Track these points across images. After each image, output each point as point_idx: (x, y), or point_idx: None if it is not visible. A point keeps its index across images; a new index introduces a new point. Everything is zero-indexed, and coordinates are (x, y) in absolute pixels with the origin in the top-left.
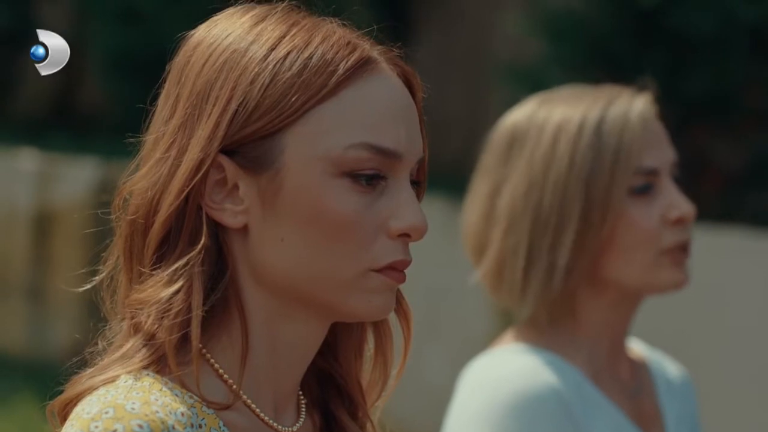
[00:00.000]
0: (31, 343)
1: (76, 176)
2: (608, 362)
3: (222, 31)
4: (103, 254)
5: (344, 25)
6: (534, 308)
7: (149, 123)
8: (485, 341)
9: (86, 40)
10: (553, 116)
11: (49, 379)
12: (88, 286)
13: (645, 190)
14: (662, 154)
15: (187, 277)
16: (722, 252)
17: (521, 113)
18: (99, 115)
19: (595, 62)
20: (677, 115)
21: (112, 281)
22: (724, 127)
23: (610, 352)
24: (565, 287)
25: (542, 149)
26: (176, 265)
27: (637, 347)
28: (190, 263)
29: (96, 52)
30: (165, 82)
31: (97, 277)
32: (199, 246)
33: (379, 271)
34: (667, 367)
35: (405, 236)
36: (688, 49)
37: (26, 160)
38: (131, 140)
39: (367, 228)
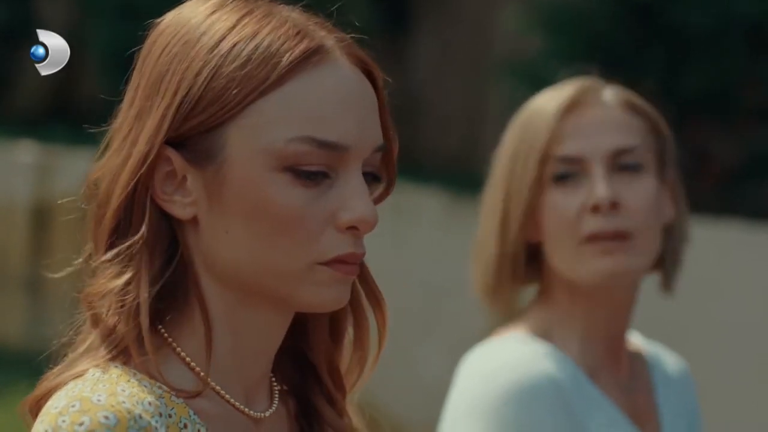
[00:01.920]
0: (29, 336)
1: (74, 169)
2: (604, 357)
3: (183, 19)
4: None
5: (306, 11)
6: (488, 304)
7: (117, 111)
8: (482, 337)
9: (85, 34)
10: (522, 110)
11: (47, 371)
12: (63, 274)
13: (565, 177)
14: (593, 143)
15: (136, 267)
16: (720, 246)
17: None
18: (98, 108)
19: (594, 57)
20: (675, 110)
21: (89, 271)
22: (722, 122)
23: (605, 348)
24: (500, 278)
25: (503, 140)
26: (121, 257)
27: (635, 340)
28: (131, 253)
29: (95, 47)
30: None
31: (74, 264)
32: (138, 236)
33: (327, 264)
34: (666, 360)
35: (353, 229)
36: (687, 44)
37: (25, 153)
38: (91, 130)
39: (312, 221)
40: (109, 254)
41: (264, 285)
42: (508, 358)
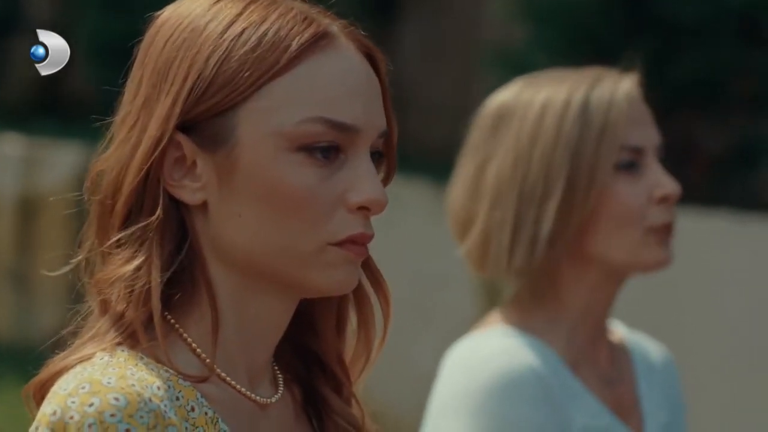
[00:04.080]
0: (17, 329)
1: (61, 162)
2: (587, 349)
3: (185, 10)
4: (81, 237)
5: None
6: (518, 281)
7: (119, 104)
8: (472, 326)
9: (72, 26)
10: (540, 95)
11: (34, 364)
12: (66, 269)
13: (631, 166)
14: (648, 134)
15: (147, 252)
16: (708, 236)
17: (507, 94)
18: (84, 100)
19: (582, 47)
20: (664, 100)
21: (90, 263)
22: (711, 112)
23: (590, 338)
24: (547, 259)
25: (528, 125)
26: (134, 241)
27: (618, 330)
28: (145, 238)
29: (82, 38)
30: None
31: (74, 260)
32: (153, 217)
33: (338, 245)
34: (649, 349)
35: (364, 209)
36: (676, 34)
37: (12, 146)
38: (101, 122)
39: (323, 202)
40: (124, 234)
41: (274, 268)
42: (491, 351)
